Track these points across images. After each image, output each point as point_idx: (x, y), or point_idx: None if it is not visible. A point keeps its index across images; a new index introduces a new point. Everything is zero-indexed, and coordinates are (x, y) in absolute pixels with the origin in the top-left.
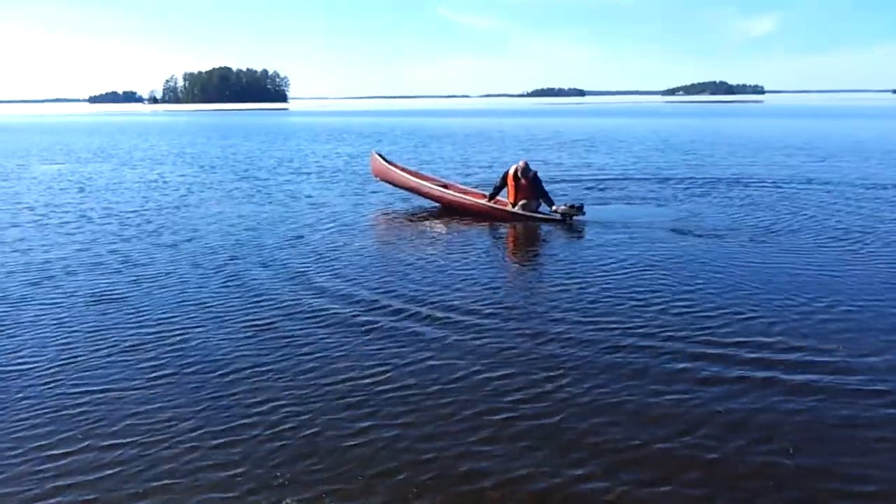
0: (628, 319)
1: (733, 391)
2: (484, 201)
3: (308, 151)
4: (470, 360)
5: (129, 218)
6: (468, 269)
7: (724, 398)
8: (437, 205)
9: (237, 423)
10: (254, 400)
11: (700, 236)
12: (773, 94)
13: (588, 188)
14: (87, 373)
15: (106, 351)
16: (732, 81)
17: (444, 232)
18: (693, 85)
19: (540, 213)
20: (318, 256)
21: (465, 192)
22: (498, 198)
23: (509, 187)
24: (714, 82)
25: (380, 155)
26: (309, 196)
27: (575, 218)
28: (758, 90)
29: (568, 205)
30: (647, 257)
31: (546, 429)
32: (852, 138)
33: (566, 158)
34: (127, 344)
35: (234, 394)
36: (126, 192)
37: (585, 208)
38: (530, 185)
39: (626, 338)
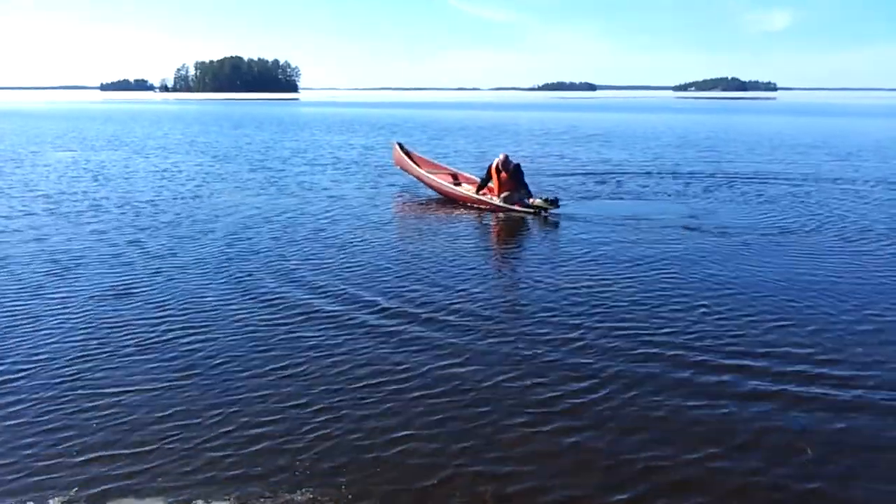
0: (655, 326)
1: (778, 408)
2: (473, 193)
3: (323, 142)
4: (498, 369)
5: (145, 208)
6: (483, 269)
7: (771, 415)
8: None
9: (264, 428)
10: (281, 404)
11: (721, 235)
12: (785, 91)
13: (605, 183)
14: (108, 370)
15: (127, 347)
16: (745, 78)
17: (456, 227)
18: (705, 81)
19: (521, 204)
20: (339, 250)
21: (470, 181)
22: (491, 185)
23: (493, 180)
24: (726, 78)
25: (400, 145)
26: (326, 188)
27: (551, 211)
28: (770, 87)
29: (543, 198)
30: (667, 256)
31: (585, 446)
32: (870, 137)
33: (583, 154)
34: (148, 340)
35: (260, 395)
36: (141, 182)
37: (600, 203)
38: (510, 177)
39: (655, 347)
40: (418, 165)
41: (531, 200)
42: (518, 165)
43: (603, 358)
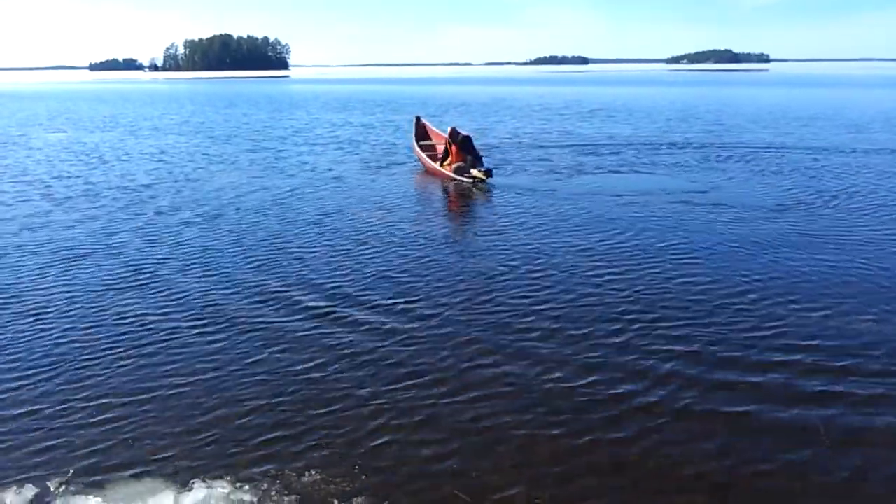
0: (694, 321)
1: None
2: (438, 165)
3: (323, 121)
4: (541, 367)
5: (146, 192)
6: (491, 251)
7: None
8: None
9: (298, 429)
10: (314, 411)
11: (742, 210)
12: (778, 63)
13: (618, 154)
14: (122, 369)
15: (142, 343)
16: (737, 50)
17: (465, 203)
18: (697, 53)
19: (467, 174)
20: (355, 230)
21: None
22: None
23: (450, 152)
24: (718, 50)
25: (417, 118)
26: (329, 169)
27: (488, 181)
28: (763, 59)
29: (479, 169)
30: (700, 238)
31: (645, 456)
32: (876, 108)
33: (588, 129)
34: (163, 335)
35: (289, 392)
36: (139, 164)
37: (617, 178)
38: (460, 149)
39: (700, 345)
40: (429, 138)
41: (473, 171)
42: (467, 137)
43: (649, 356)
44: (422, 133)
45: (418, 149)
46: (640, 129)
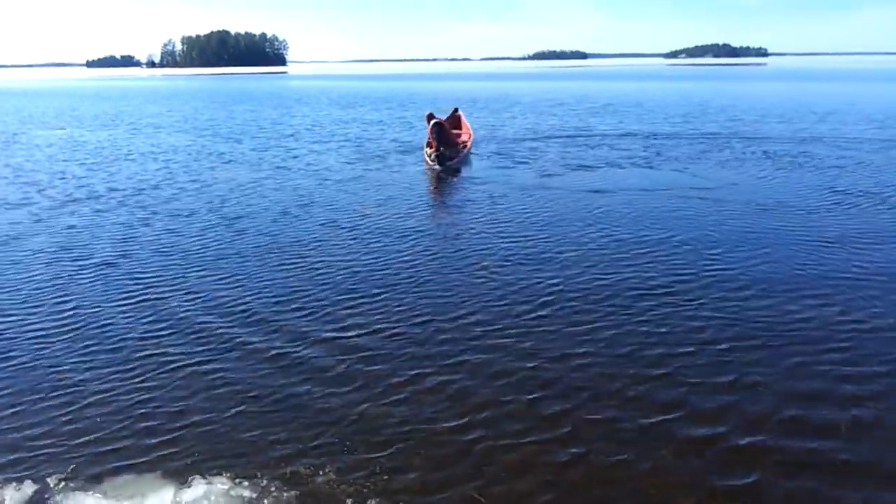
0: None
1: None
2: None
3: (333, 118)
4: (609, 405)
5: (155, 193)
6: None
7: None
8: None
9: (312, 433)
10: (330, 419)
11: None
12: (777, 57)
13: (640, 151)
14: (128, 368)
15: (147, 349)
16: (735, 44)
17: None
18: (696, 47)
19: (431, 160)
20: (383, 237)
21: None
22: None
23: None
24: (717, 45)
25: (454, 111)
26: (350, 168)
27: (436, 166)
28: (762, 52)
29: (434, 154)
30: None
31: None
32: (890, 102)
33: (602, 124)
34: (172, 344)
35: (307, 403)
36: (147, 164)
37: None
38: (432, 135)
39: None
40: (459, 128)
41: (431, 155)
42: (437, 123)
43: (732, 390)
44: (453, 124)
45: (426, 144)
46: (659, 125)
